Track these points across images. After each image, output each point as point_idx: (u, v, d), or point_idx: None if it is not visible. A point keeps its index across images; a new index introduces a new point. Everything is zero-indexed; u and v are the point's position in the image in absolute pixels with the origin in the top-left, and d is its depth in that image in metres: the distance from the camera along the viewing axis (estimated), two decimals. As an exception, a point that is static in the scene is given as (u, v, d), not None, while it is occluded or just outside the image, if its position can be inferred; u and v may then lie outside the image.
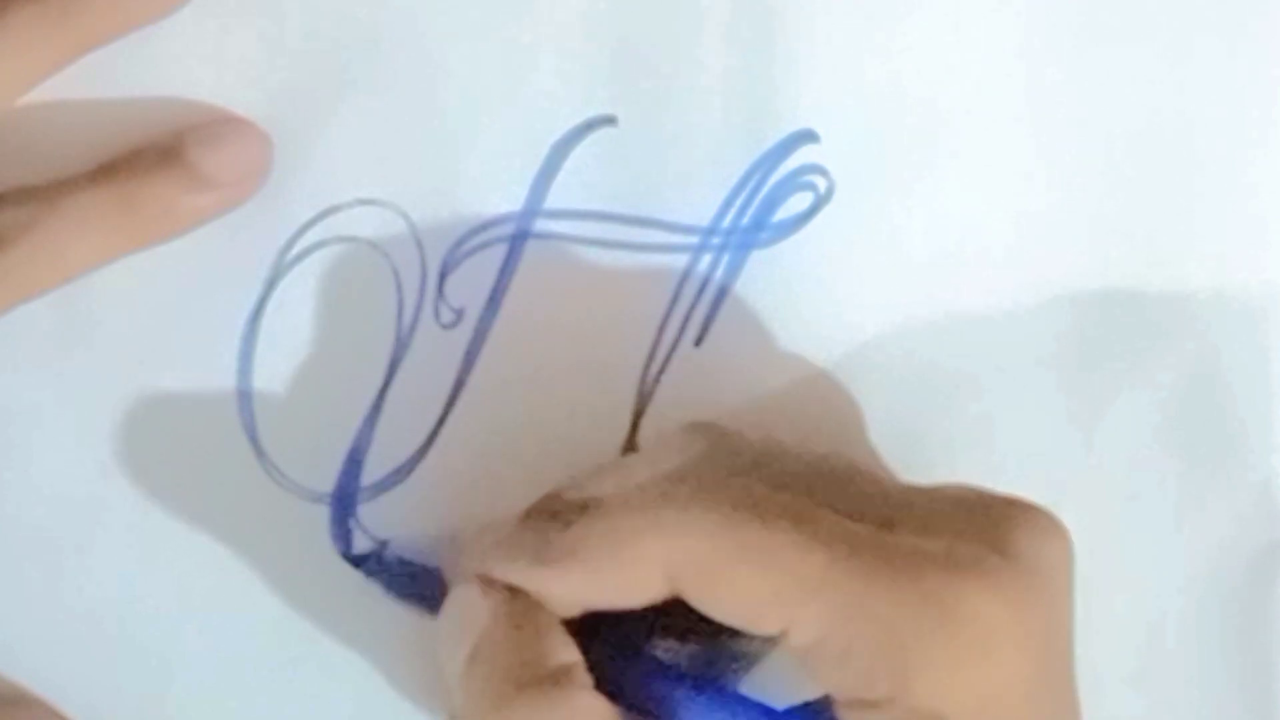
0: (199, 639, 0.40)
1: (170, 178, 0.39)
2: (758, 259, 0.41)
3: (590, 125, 0.40)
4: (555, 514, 0.37)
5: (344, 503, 0.40)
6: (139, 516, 0.40)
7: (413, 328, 0.40)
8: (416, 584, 0.40)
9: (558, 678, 0.36)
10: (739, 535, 0.35)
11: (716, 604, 0.36)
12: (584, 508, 0.37)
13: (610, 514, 0.36)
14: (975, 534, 0.35)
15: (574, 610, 0.37)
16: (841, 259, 0.41)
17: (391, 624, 0.40)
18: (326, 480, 0.40)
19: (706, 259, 0.41)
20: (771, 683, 0.38)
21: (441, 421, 0.40)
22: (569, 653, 0.36)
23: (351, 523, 0.40)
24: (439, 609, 0.38)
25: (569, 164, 0.40)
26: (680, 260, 0.41)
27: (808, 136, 0.41)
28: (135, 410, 0.40)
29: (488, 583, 0.37)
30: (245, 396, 0.40)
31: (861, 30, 0.41)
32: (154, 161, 0.39)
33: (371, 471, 0.40)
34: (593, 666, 0.36)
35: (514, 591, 0.37)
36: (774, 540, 0.35)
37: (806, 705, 0.37)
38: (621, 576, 0.36)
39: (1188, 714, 0.42)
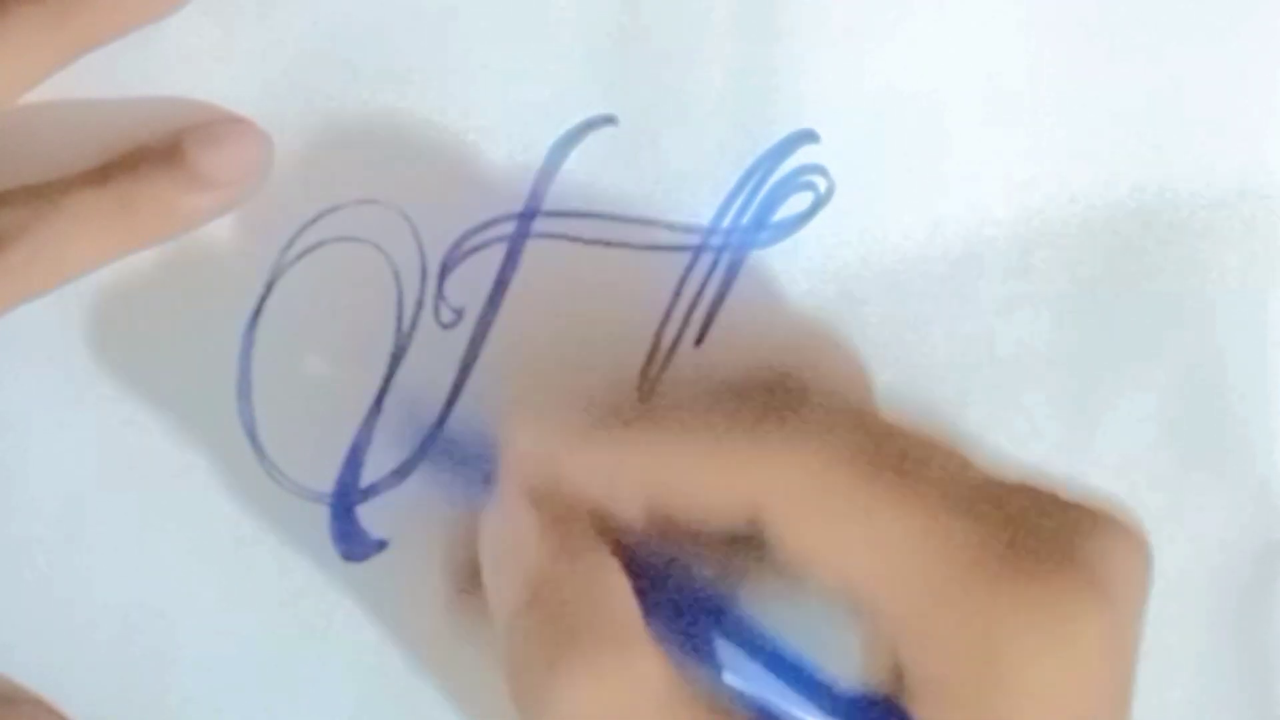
0: (199, 639, 0.40)
1: (170, 178, 0.39)
2: (758, 259, 0.41)
3: (590, 125, 0.40)
4: (650, 411, 0.36)
5: (344, 503, 0.40)
6: (139, 516, 0.40)
7: (413, 328, 0.40)
8: (465, 468, 0.39)
9: (621, 638, 0.35)
10: (844, 479, 0.34)
11: (811, 550, 0.34)
12: (683, 410, 0.36)
13: (714, 423, 0.35)
14: (1067, 533, 0.35)
15: (636, 517, 0.36)
16: (841, 259, 0.41)
17: (391, 624, 0.40)
18: (326, 480, 0.40)
19: (706, 259, 0.41)
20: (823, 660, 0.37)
21: (441, 421, 0.40)
22: (629, 604, 0.35)
23: (351, 523, 0.40)
24: (481, 498, 0.37)
25: (569, 164, 0.40)
26: (680, 260, 0.41)
27: (808, 136, 0.41)
28: (135, 410, 0.40)
29: (542, 501, 0.36)
30: (245, 396, 0.40)
31: (862, 30, 0.41)
32: (154, 161, 0.39)
33: (371, 471, 0.40)
34: (642, 603, 0.35)
35: (566, 518, 0.36)
36: (882, 493, 0.34)
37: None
38: (710, 489, 0.35)
39: (1188, 713, 0.42)
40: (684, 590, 0.36)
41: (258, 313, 0.40)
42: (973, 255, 0.41)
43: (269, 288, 0.40)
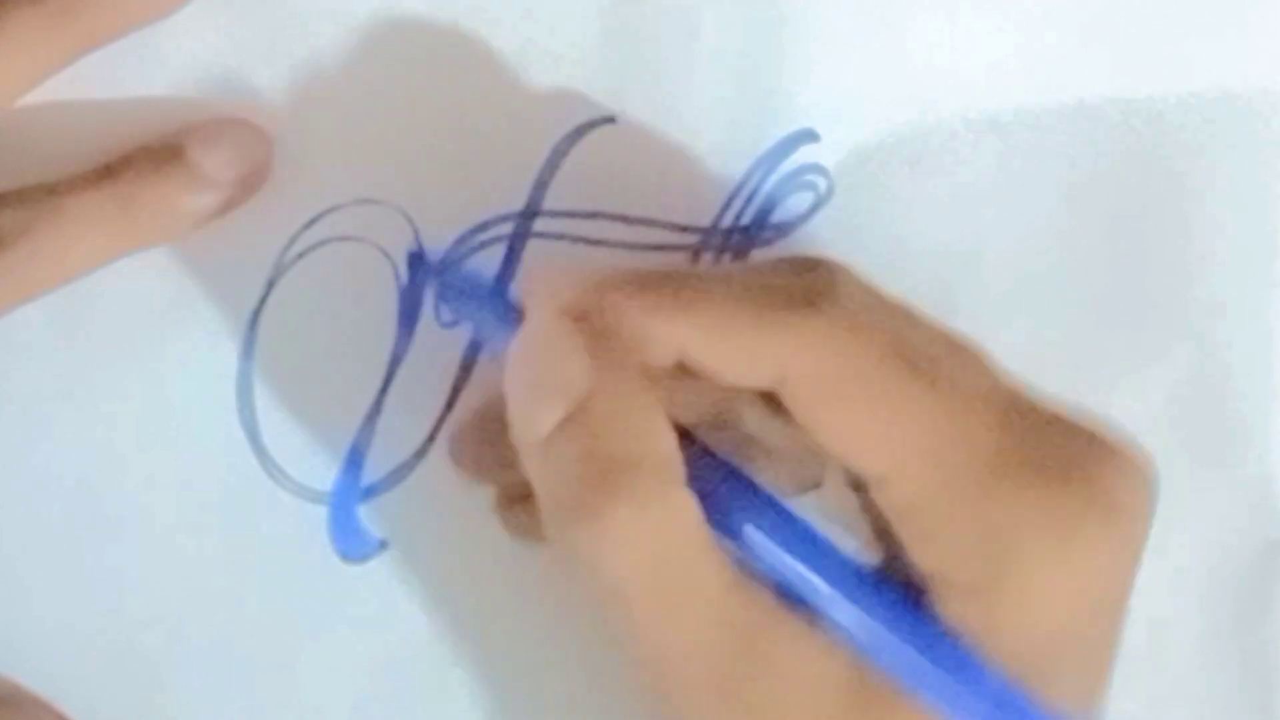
0: (198, 639, 0.40)
1: (171, 178, 0.39)
2: (758, 259, 0.41)
3: (590, 125, 0.40)
4: (694, 273, 0.36)
5: (344, 503, 0.40)
6: (138, 516, 0.40)
7: (412, 328, 0.40)
8: (484, 305, 0.39)
9: (665, 471, 0.34)
10: (876, 367, 0.35)
11: (827, 424, 0.35)
12: (733, 276, 0.36)
13: (758, 296, 0.35)
14: (1084, 455, 0.35)
15: (667, 362, 0.35)
16: (841, 259, 0.41)
17: (392, 625, 0.40)
18: (326, 480, 0.40)
19: (706, 259, 0.41)
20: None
21: (441, 421, 0.40)
22: (671, 439, 0.35)
23: (351, 523, 0.40)
24: (501, 339, 0.37)
25: (569, 164, 0.40)
26: (680, 260, 0.41)
27: (808, 136, 0.41)
28: (135, 410, 0.40)
29: (582, 319, 0.35)
30: (245, 396, 0.40)
31: (862, 30, 0.41)
32: (155, 161, 0.39)
33: (371, 471, 0.40)
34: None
35: (606, 337, 0.35)
36: (908, 385, 0.34)
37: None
38: (743, 351, 0.35)
39: (1188, 713, 0.42)
40: (708, 464, 0.36)
41: (258, 313, 0.40)
42: (973, 254, 0.41)
43: (269, 288, 0.40)
